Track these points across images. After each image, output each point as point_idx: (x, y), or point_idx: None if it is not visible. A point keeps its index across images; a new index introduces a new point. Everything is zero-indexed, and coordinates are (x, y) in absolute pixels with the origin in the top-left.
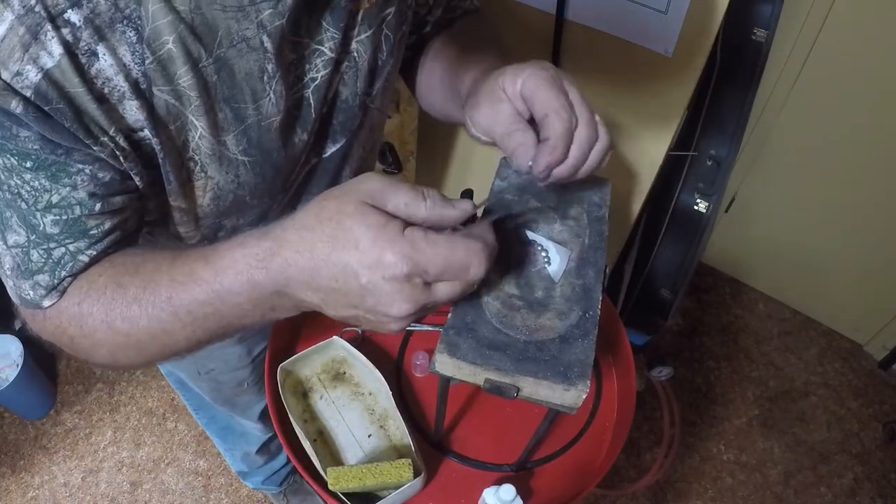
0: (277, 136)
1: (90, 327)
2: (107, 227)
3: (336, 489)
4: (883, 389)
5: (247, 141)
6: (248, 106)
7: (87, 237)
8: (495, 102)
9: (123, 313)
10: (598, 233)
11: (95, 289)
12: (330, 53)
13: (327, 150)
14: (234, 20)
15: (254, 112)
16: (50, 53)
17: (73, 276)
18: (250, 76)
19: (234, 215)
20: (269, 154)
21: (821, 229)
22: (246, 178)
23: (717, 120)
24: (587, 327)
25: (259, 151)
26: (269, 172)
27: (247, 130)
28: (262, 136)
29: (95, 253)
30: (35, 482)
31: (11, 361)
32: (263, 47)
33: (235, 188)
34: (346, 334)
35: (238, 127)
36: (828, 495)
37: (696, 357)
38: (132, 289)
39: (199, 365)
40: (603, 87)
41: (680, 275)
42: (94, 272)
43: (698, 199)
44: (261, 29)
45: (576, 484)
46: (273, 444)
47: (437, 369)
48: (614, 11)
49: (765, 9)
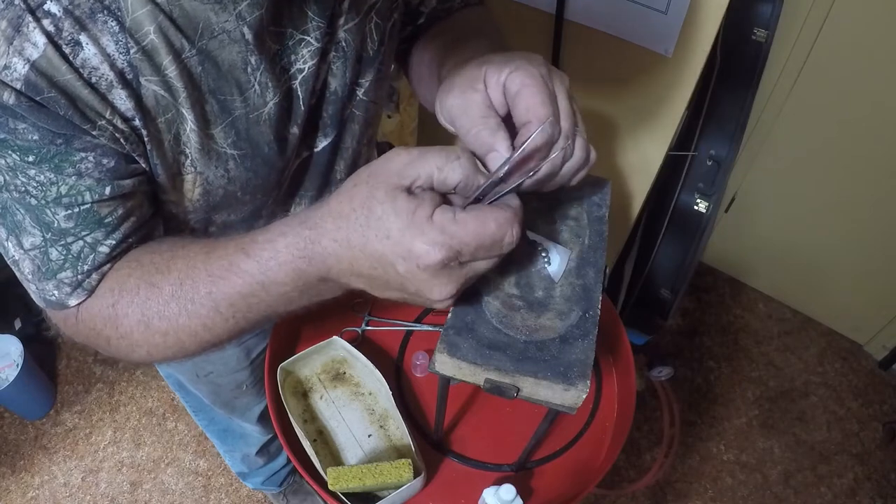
0: (268, 129)
1: (126, 328)
2: (120, 213)
3: (336, 489)
4: (883, 389)
5: (235, 133)
6: (234, 98)
7: (103, 226)
8: (469, 91)
9: (161, 312)
10: (598, 233)
11: (128, 290)
12: (316, 43)
13: (318, 143)
14: (212, 11)
15: (241, 104)
16: (34, 44)
17: (97, 270)
18: (234, 67)
19: (225, 211)
20: (259, 147)
21: (821, 229)
22: (236, 174)
23: (717, 120)
24: (587, 327)
25: (249, 145)
26: (260, 168)
27: (234, 123)
28: (250, 129)
29: (115, 242)
30: (35, 482)
31: (11, 361)
32: (244, 39)
33: (226, 184)
34: (346, 334)
35: (225, 119)
36: (828, 495)
37: (696, 357)
38: (167, 286)
39: (198, 368)
40: (603, 87)
41: (680, 275)
42: (123, 273)
43: (698, 199)
44: (240, 20)
45: (576, 484)
46: (273, 445)
47: (437, 369)
48: (614, 11)
49: (765, 9)
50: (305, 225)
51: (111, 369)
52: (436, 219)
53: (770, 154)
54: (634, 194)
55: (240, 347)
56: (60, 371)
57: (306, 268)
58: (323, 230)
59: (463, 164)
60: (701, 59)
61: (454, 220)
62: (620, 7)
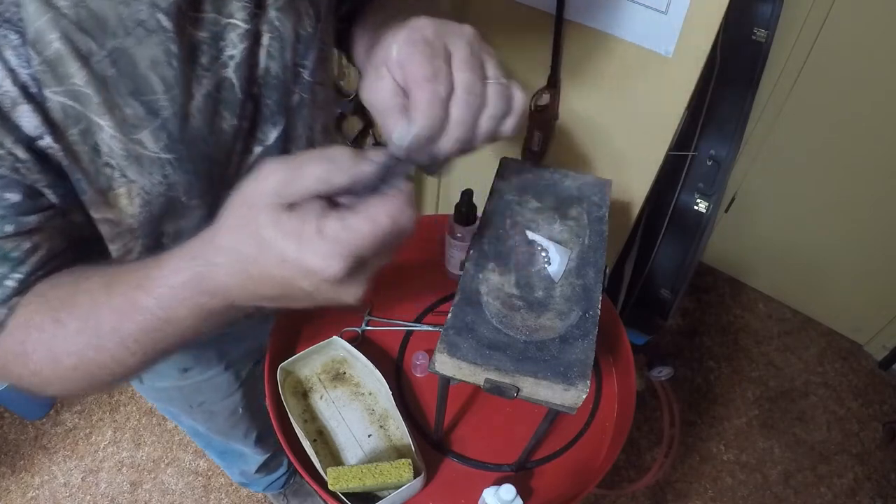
0: (202, 125)
1: (36, 365)
2: (26, 247)
3: (336, 489)
4: (883, 389)
5: (167, 136)
6: (159, 97)
7: (8, 260)
8: (376, 76)
9: (68, 349)
10: (598, 233)
11: (35, 327)
12: (244, 25)
13: (269, 135)
14: (123, 5)
15: (168, 103)
16: None
17: (4, 304)
18: (157, 63)
19: (174, 219)
20: (195, 146)
21: (821, 229)
22: (176, 178)
23: (717, 120)
24: (587, 327)
25: (184, 146)
26: (201, 167)
27: (165, 125)
28: (183, 129)
29: (22, 276)
30: (35, 482)
31: None
32: (162, 27)
33: (165, 190)
34: (346, 334)
35: (153, 122)
36: (828, 495)
37: (696, 357)
38: (73, 323)
39: (190, 399)
40: (603, 88)
41: (680, 275)
42: (31, 309)
43: (698, 199)
44: (154, 8)
45: (576, 484)
46: (272, 462)
47: (437, 369)
48: (614, 11)
49: (765, 9)
50: (197, 262)
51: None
52: (327, 232)
53: (770, 154)
54: (634, 194)
55: (228, 372)
56: None
57: (208, 301)
58: (217, 267)
59: (343, 167)
60: (701, 59)
61: (345, 227)
62: (620, 7)
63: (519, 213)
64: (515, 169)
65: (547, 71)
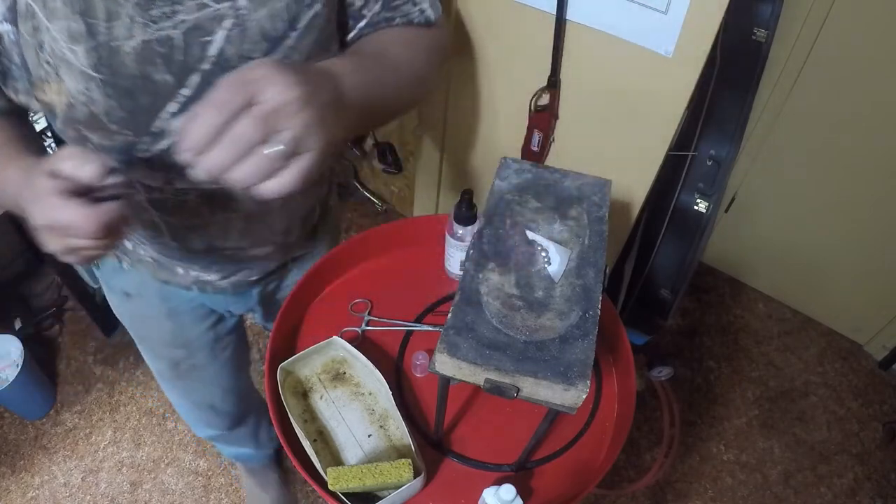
0: (133, 63)
1: None
2: None
3: (336, 489)
4: (883, 389)
5: (98, 58)
6: (99, 22)
7: None
8: None
9: None
10: (598, 233)
11: None
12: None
13: None
14: None
15: (105, 30)
16: None
17: None
18: None
19: (97, 132)
20: (120, 77)
21: (821, 229)
22: (97, 96)
23: (717, 120)
24: (587, 327)
25: (110, 72)
26: (124, 99)
27: (98, 48)
28: (113, 58)
29: None
30: (35, 482)
31: (11, 361)
32: None
33: (87, 101)
34: (346, 334)
35: (90, 42)
36: (828, 495)
37: (696, 357)
38: None
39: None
40: (603, 87)
41: (680, 275)
42: None
43: (698, 199)
44: None
45: (576, 484)
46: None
47: (437, 369)
48: (614, 11)
49: (765, 9)
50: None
51: (111, 369)
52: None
53: (770, 154)
54: (634, 194)
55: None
56: (60, 371)
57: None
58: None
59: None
60: (701, 59)
61: (63, 204)
62: (620, 7)
63: (519, 213)
64: (515, 169)
65: (547, 71)
